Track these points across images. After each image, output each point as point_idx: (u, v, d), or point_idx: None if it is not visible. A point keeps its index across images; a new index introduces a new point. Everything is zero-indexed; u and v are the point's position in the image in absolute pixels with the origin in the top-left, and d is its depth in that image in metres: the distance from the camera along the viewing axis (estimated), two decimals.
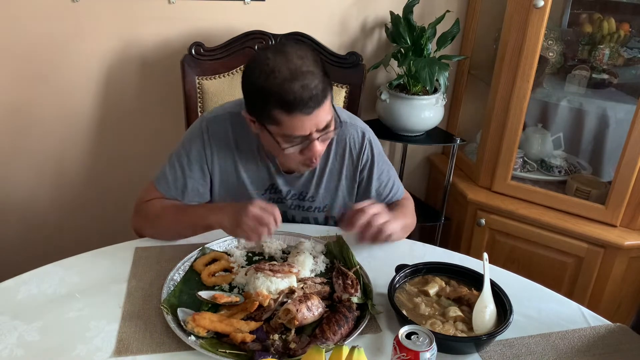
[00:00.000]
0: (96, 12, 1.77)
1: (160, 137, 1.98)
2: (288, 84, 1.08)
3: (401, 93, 1.99)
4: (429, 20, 1.97)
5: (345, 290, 1.11)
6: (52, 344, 0.98)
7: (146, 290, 1.13)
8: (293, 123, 1.12)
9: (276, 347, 0.96)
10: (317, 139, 1.16)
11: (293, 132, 1.13)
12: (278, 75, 1.08)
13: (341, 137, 1.35)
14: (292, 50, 1.12)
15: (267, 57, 1.11)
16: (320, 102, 1.11)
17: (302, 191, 1.38)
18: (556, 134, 2.22)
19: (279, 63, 1.09)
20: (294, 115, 1.10)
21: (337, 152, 1.36)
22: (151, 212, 1.30)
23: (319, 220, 1.43)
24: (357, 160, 1.37)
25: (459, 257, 1.30)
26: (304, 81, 1.08)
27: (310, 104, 1.09)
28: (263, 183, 1.36)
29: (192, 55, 1.76)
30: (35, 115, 1.87)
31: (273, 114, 1.12)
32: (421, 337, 0.86)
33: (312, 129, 1.14)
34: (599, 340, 1.06)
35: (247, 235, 1.14)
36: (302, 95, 1.08)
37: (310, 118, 1.12)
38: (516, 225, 1.99)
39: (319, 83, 1.10)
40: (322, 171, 1.36)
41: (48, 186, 1.99)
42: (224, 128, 1.31)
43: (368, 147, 1.37)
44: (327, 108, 1.15)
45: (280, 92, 1.08)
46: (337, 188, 1.39)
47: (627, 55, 2.01)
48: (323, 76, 1.12)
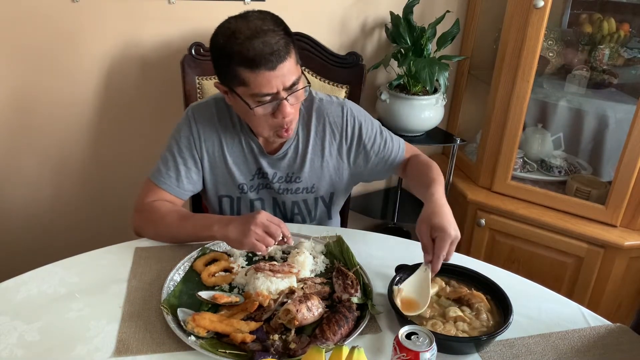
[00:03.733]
0: (96, 12, 1.77)
1: (160, 137, 1.97)
2: (249, 41, 1.12)
3: (401, 93, 1.99)
4: (429, 21, 1.97)
5: (345, 291, 1.11)
6: (52, 344, 0.98)
7: (146, 290, 1.13)
8: (258, 80, 1.14)
9: (276, 347, 0.96)
10: (285, 98, 1.18)
11: (260, 89, 1.16)
12: (239, 35, 1.13)
13: (320, 114, 1.37)
14: (252, 13, 1.18)
15: (228, 22, 1.17)
16: (283, 57, 1.14)
17: (287, 172, 1.39)
18: (556, 134, 2.22)
19: (240, 24, 1.14)
20: (259, 72, 1.13)
21: (318, 129, 1.38)
22: (154, 215, 1.29)
23: (309, 202, 1.43)
24: (342, 136, 1.39)
25: (459, 257, 1.30)
26: (264, 37, 1.12)
27: (272, 58, 1.12)
28: (250, 168, 1.37)
29: (192, 55, 1.76)
30: (35, 115, 1.87)
31: (238, 74, 1.15)
32: (421, 337, 0.86)
33: (278, 87, 1.16)
34: (599, 341, 1.06)
35: (255, 245, 1.13)
36: (264, 50, 1.11)
37: (275, 74, 1.14)
38: (516, 225, 1.99)
39: (280, 39, 1.13)
40: (304, 149, 1.37)
41: (48, 186, 1.99)
42: (209, 113, 1.34)
43: (350, 119, 1.38)
44: (291, 65, 1.17)
45: (242, 50, 1.12)
46: (322, 166, 1.40)
47: (627, 56, 2.01)
48: (284, 34, 1.16)
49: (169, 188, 1.33)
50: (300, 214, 1.46)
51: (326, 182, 1.42)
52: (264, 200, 1.43)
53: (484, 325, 1.04)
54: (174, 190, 1.34)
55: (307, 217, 1.46)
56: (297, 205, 1.44)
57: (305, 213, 1.46)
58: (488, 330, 1.03)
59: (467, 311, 1.07)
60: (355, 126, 1.39)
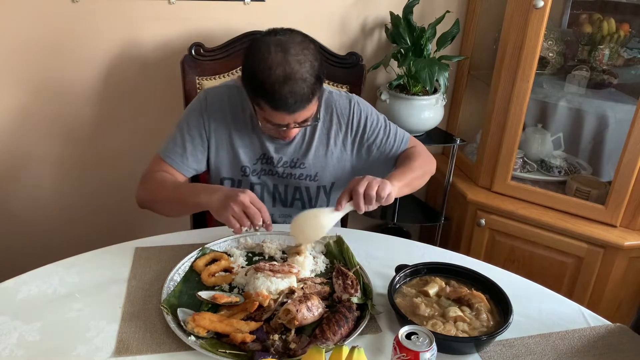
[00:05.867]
0: (96, 13, 1.77)
1: (160, 137, 1.97)
2: (278, 86, 1.16)
3: (401, 93, 1.99)
4: (429, 21, 1.97)
5: (345, 291, 1.11)
6: (52, 344, 0.98)
7: (146, 290, 1.13)
8: (274, 116, 1.23)
9: (276, 347, 0.96)
10: (293, 127, 1.27)
11: (273, 120, 1.24)
12: (272, 74, 1.16)
13: (328, 104, 1.42)
14: (294, 51, 1.18)
15: (269, 50, 1.17)
16: (304, 105, 1.20)
17: (292, 158, 1.42)
18: (556, 134, 2.22)
19: (277, 62, 1.16)
20: (277, 112, 1.21)
21: (325, 118, 1.42)
22: (153, 183, 1.35)
23: (311, 191, 1.46)
24: (347, 126, 1.43)
25: (459, 257, 1.30)
26: (293, 87, 1.16)
27: (293, 107, 1.19)
28: (255, 152, 1.41)
29: (192, 55, 1.76)
30: (35, 116, 1.87)
31: (259, 101, 1.22)
32: (421, 337, 0.86)
33: (290, 122, 1.24)
34: (599, 341, 1.06)
35: (230, 221, 1.16)
36: (288, 100, 1.17)
37: (292, 116, 1.22)
38: (516, 225, 1.99)
39: (307, 89, 1.18)
40: (311, 136, 1.42)
41: (48, 186, 1.99)
42: (220, 98, 1.39)
43: (357, 111, 1.43)
44: (310, 107, 1.23)
45: (270, 91, 1.17)
46: (326, 155, 1.43)
47: (627, 56, 2.01)
48: (314, 83, 1.19)
49: (174, 162, 1.38)
50: (301, 200, 1.48)
51: (329, 171, 1.45)
52: (265, 186, 1.45)
53: (484, 325, 1.04)
54: (178, 165, 1.38)
55: (307, 204, 1.48)
56: (298, 191, 1.46)
57: (306, 200, 1.48)
58: (488, 330, 1.03)
59: (467, 311, 1.07)
60: (362, 118, 1.43)
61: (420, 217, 2.28)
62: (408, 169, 1.34)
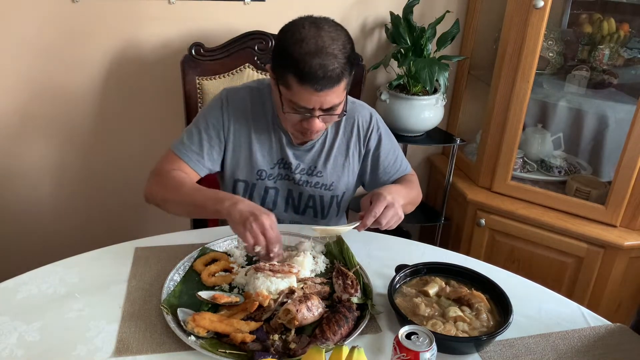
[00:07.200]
0: (96, 13, 1.77)
1: (160, 137, 1.98)
2: (309, 57, 1.14)
3: (401, 93, 1.99)
4: (429, 21, 1.97)
5: (345, 291, 1.11)
6: (52, 344, 0.98)
7: (146, 290, 1.13)
8: (301, 93, 1.18)
9: (276, 347, 0.96)
10: (317, 116, 1.22)
11: (299, 100, 1.19)
12: (304, 46, 1.14)
13: (350, 114, 1.40)
14: (328, 29, 1.18)
15: (303, 26, 1.17)
16: (332, 84, 1.17)
17: (310, 165, 1.41)
18: (556, 134, 2.22)
19: (310, 35, 1.15)
20: (304, 87, 1.16)
21: (346, 129, 1.41)
22: (170, 180, 1.31)
23: (325, 200, 1.45)
24: (365, 139, 1.43)
25: (459, 257, 1.30)
26: (324, 60, 1.14)
27: (321, 82, 1.15)
28: (273, 157, 1.40)
29: (192, 55, 1.76)
30: (35, 116, 1.87)
31: (287, 77, 1.18)
32: (421, 337, 0.86)
33: (315, 106, 1.20)
34: (599, 341, 1.06)
35: (245, 237, 1.12)
36: (317, 72, 1.14)
37: (318, 95, 1.17)
38: (516, 225, 1.99)
39: (337, 67, 1.15)
40: (331, 146, 1.41)
41: (48, 186, 1.99)
42: (242, 99, 1.37)
43: (376, 127, 1.43)
44: (338, 92, 1.20)
45: (300, 61, 1.14)
46: (344, 166, 1.43)
47: (627, 56, 2.01)
48: (345, 63, 1.17)
49: (190, 161, 1.35)
50: (314, 208, 1.47)
51: (343, 182, 1.45)
52: (279, 190, 1.44)
53: (484, 325, 1.04)
54: (194, 164, 1.36)
55: (319, 213, 1.48)
56: (312, 199, 1.45)
57: (318, 209, 1.47)
58: (488, 330, 1.03)
59: (467, 311, 1.07)
60: (379, 135, 1.43)
61: (420, 217, 2.28)
62: (408, 195, 1.35)
